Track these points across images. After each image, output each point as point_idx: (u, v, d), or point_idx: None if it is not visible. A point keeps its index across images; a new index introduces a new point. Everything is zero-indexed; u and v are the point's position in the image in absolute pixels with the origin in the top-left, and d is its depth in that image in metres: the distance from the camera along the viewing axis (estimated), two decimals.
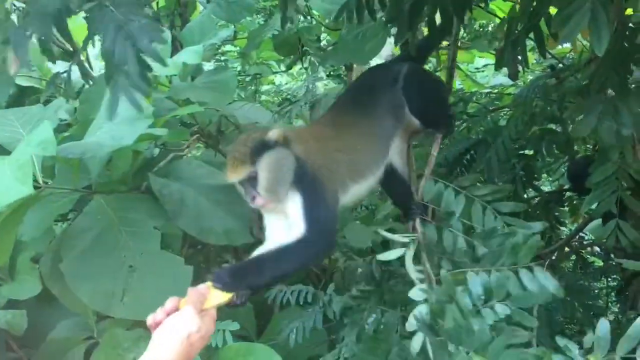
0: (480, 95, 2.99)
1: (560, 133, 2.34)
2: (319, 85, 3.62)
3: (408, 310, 1.69)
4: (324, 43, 3.71)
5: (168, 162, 2.27)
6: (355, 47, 2.47)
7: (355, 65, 3.14)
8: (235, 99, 3.42)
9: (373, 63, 2.47)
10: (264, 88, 4.66)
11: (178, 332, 1.30)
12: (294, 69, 4.37)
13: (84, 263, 1.90)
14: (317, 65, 3.35)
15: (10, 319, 2.08)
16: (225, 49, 4.27)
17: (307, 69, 3.57)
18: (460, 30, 3.02)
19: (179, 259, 1.97)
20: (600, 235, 1.97)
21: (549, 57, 2.64)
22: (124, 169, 2.09)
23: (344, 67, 3.59)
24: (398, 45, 2.09)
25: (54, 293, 2.03)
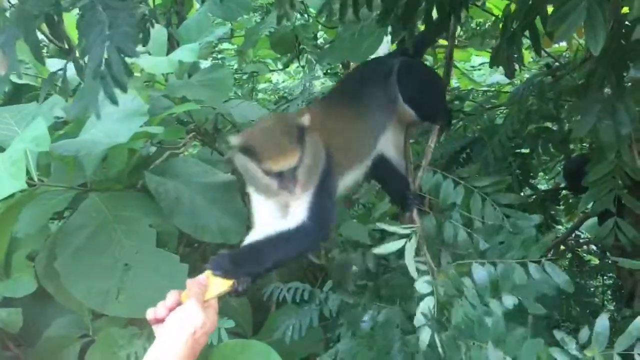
0: (477, 94, 2.99)
1: (557, 131, 2.34)
2: (316, 84, 3.62)
3: (408, 305, 1.68)
4: (321, 41, 3.72)
5: (164, 160, 2.27)
6: (352, 45, 2.48)
7: (352, 64, 3.14)
8: (232, 97, 3.42)
9: None
10: (261, 86, 4.65)
11: (184, 329, 1.27)
12: (291, 67, 4.36)
13: (79, 261, 1.89)
14: (314, 64, 3.35)
15: (6, 317, 2.07)
16: (222, 47, 4.27)
17: (304, 67, 3.56)
18: (457, 28, 3.03)
19: (175, 257, 1.96)
20: (599, 234, 1.96)
21: (546, 55, 2.65)
22: (120, 167, 2.09)
23: (341, 65, 3.60)
24: (395, 43, 2.09)
25: (49, 291, 2.02)
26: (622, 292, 2.74)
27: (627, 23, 1.61)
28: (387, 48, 2.78)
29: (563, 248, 2.84)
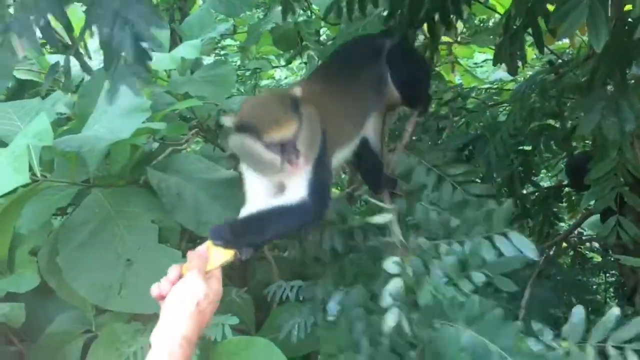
0: (480, 91, 2.99)
1: (559, 129, 2.34)
2: None
3: (372, 285, 1.62)
4: (324, 37, 3.71)
5: (166, 156, 2.27)
6: None
7: None
8: (235, 94, 3.42)
9: None
10: (264, 82, 4.65)
11: (186, 303, 1.25)
12: (294, 64, 4.36)
13: (82, 256, 1.90)
14: (316, 60, 3.34)
15: (8, 312, 2.08)
16: (225, 43, 4.27)
17: (306, 64, 3.56)
18: (460, 25, 3.03)
19: (177, 253, 1.96)
20: (601, 232, 1.97)
21: (549, 52, 2.64)
22: (122, 163, 2.09)
23: None
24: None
25: (52, 286, 2.03)
26: (624, 289, 2.74)
27: (629, 20, 1.61)
28: None
29: (565, 245, 2.83)
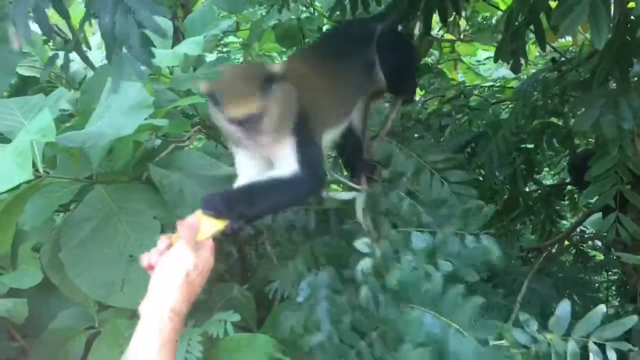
0: (483, 89, 2.99)
1: (562, 127, 2.34)
2: None
3: (342, 268, 1.63)
4: None
5: (169, 152, 2.27)
6: None
7: None
8: None
9: None
10: None
11: (175, 273, 1.23)
12: None
13: (84, 252, 1.90)
14: None
15: (11, 308, 2.09)
16: (227, 40, 4.26)
17: None
18: (462, 22, 3.03)
19: None
20: (601, 229, 1.97)
21: (552, 50, 2.64)
22: (125, 159, 2.09)
23: None
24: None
25: (54, 282, 2.03)
26: (626, 287, 2.74)
27: (632, 18, 1.61)
28: None
29: (567, 243, 2.83)
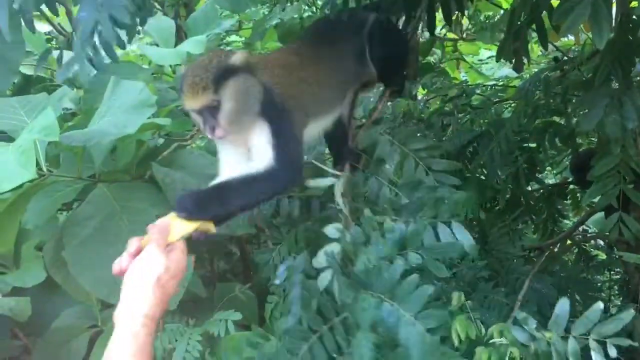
0: (485, 88, 2.98)
1: (564, 126, 2.33)
2: None
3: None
4: None
5: (171, 151, 2.28)
6: None
7: None
8: None
9: None
10: None
11: (146, 277, 1.20)
12: None
13: (87, 251, 1.91)
14: None
15: (14, 306, 2.09)
16: (230, 39, 4.26)
17: None
18: (465, 21, 3.03)
19: None
20: (604, 228, 1.96)
21: (554, 49, 2.64)
22: (128, 158, 2.10)
23: None
24: None
25: (57, 281, 2.04)
26: (628, 287, 2.73)
27: (634, 17, 1.61)
28: None
29: (569, 242, 2.83)
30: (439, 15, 2.12)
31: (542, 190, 2.70)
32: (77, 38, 1.18)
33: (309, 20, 3.21)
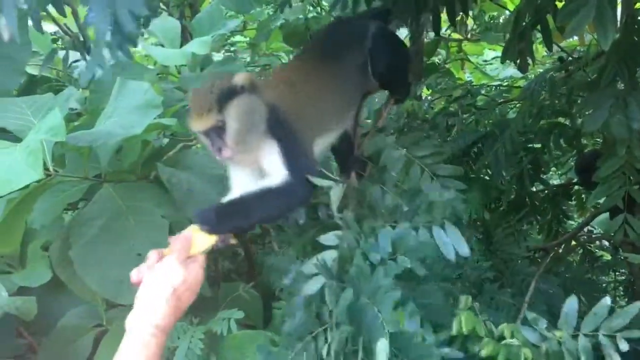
0: (490, 88, 2.99)
1: (569, 126, 2.33)
2: None
3: None
4: None
5: (177, 151, 2.28)
6: None
7: None
8: None
9: None
10: None
11: (162, 288, 1.21)
12: None
13: (93, 251, 1.91)
14: None
15: (20, 305, 2.10)
16: (235, 40, 4.28)
17: None
18: (470, 22, 3.03)
19: None
20: (609, 229, 1.96)
21: (559, 50, 2.64)
22: (134, 158, 2.10)
23: None
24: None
25: (63, 280, 2.05)
26: (633, 288, 2.73)
27: (639, 19, 1.61)
28: None
29: (574, 243, 2.83)
30: (444, 16, 2.12)
31: (546, 191, 2.70)
32: (91, 39, 1.18)
33: (314, 21, 3.22)
